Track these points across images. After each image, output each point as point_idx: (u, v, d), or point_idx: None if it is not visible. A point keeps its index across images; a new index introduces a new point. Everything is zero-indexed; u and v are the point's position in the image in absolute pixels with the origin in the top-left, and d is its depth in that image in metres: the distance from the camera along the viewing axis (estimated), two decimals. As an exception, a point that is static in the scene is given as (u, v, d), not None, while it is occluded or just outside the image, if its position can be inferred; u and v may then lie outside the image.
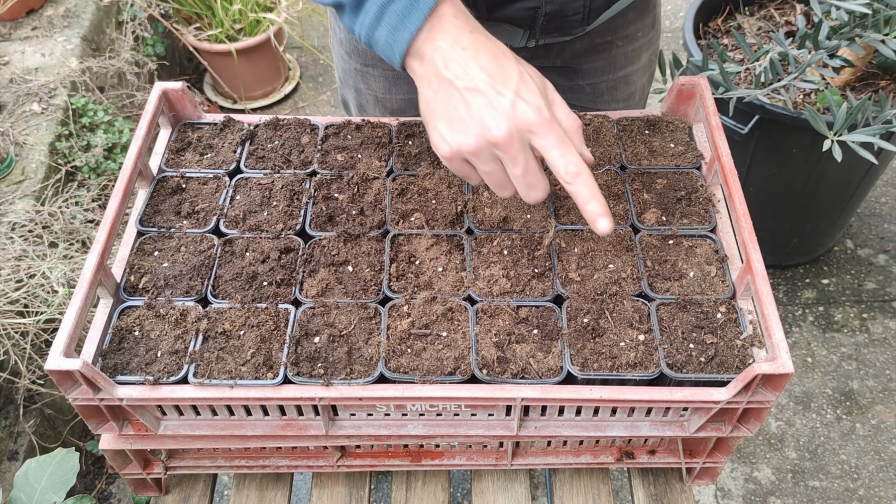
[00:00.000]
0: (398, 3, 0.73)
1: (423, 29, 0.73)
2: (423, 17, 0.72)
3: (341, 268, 0.92)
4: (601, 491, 1.00)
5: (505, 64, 0.74)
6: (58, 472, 0.93)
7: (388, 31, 0.74)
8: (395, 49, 0.75)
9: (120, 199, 0.92)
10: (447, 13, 0.74)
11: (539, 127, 0.72)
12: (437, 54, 0.74)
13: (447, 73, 0.73)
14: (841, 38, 1.20)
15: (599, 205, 0.75)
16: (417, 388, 0.81)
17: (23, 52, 2.22)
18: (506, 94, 0.72)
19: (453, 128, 0.75)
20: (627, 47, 1.19)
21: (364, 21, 0.75)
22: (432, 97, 0.75)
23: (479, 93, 0.72)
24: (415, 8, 0.73)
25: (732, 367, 0.82)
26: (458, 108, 0.74)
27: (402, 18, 0.73)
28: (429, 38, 0.74)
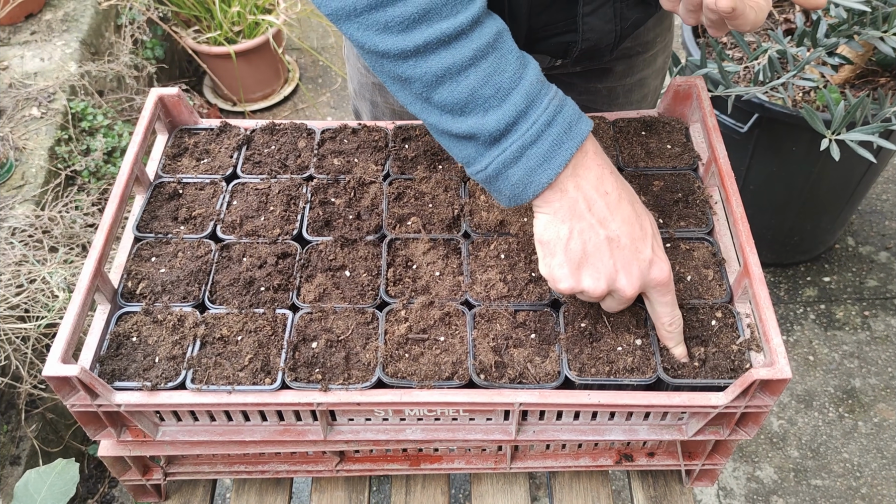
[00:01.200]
0: (541, 144, 0.71)
1: (568, 166, 0.73)
2: (568, 159, 0.72)
3: (338, 273, 0.92)
4: (601, 493, 1.00)
5: (641, 215, 0.77)
6: (58, 483, 0.92)
7: (524, 171, 0.72)
8: (530, 188, 0.73)
9: (116, 205, 0.92)
10: (589, 150, 0.74)
11: (664, 287, 0.78)
12: (579, 193, 0.74)
13: (589, 216, 0.74)
14: (839, 35, 1.20)
15: (684, 347, 0.84)
16: (415, 394, 0.81)
17: (22, 56, 2.23)
18: (644, 252, 0.75)
19: (582, 270, 0.75)
20: (646, 53, 1.20)
21: (498, 157, 0.72)
22: (566, 233, 0.74)
23: (620, 247, 0.74)
24: (559, 151, 0.72)
25: (729, 371, 0.82)
26: (595, 255, 0.75)
27: (545, 160, 0.72)
28: (572, 174, 0.73)
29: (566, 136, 0.71)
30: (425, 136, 1.06)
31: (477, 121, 0.71)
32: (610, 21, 1.00)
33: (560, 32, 1.00)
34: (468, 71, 0.70)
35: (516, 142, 0.71)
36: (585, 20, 0.99)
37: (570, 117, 0.72)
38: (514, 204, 0.75)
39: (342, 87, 3.07)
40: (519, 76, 0.71)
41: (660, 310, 0.80)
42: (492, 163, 0.73)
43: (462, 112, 0.72)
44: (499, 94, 0.70)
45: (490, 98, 0.71)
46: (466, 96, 0.71)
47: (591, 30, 1.00)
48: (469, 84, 0.70)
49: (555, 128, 0.71)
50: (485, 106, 0.71)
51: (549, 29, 1.00)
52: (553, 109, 0.72)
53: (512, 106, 0.71)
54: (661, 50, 1.22)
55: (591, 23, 0.99)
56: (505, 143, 0.72)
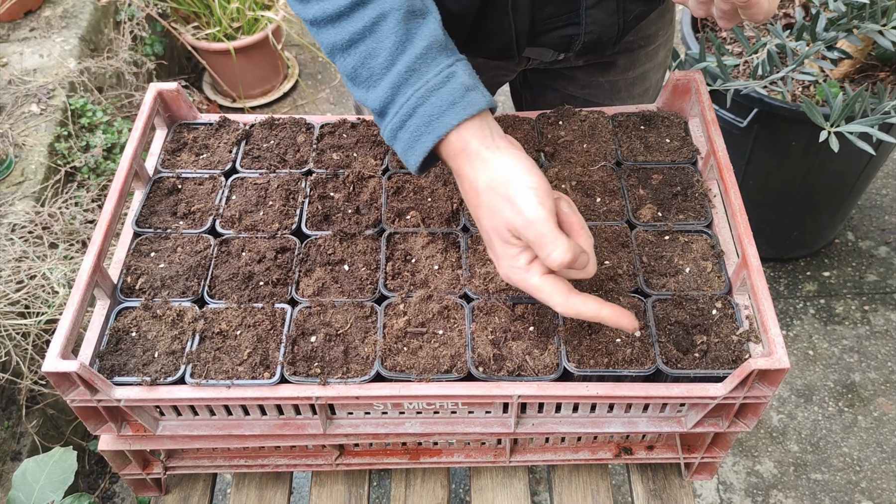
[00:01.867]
0: (405, 132, 0.76)
1: (429, 153, 0.76)
2: (424, 152, 0.75)
3: (337, 267, 0.92)
4: (600, 487, 1.00)
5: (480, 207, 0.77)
6: (56, 472, 0.93)
7: (401, 150, 0.78)
8: (410, 162, 0.78)
9: (116, 200, 0.92)
10: (452, 140, 0.76)
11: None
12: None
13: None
14: (839, 29, 1.19)
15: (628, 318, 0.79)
16: (414, 387, 0.81)
17: (21, 53, 2.22)
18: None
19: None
20: (648, 47, 1.20)
21: (385, 130, 0.78)
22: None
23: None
24: (417, 143, 0.76)
25: (728, 362, 0.82)
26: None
27: (409, 148, 0.77)
28: (445, 154, 0.77)
29: (426, 129, 0.74)
30: (424, 130, 1.05)
31: (362, 95, 0.79)
32: (613, 14, 1.00)
33: (563, 25, 1.00)
34: (348, 51, 0.77)
35: (389, 123, 0.77)
36: (588, 13, 0.99)
37: (433, 111, 0.74)
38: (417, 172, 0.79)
39: (342, 83, 3.06)
40: (391, 62, 0.75)
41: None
42: (384, 132, 0.79)
43: (353, 83, 0.79)
44: (372, 77, 0.77)
45: (367, 79, 0.77)
46: (351, 71, 0.78)
47: (594, 23, 1.00)
48: (350, 63, 0.77)
49: (415, 119, 0.75)
50: (365, 85, 0.78)
51: (552, 22, 1.00)
52: (414, 102, 0.74)
53: (381, 92, 0.76)
54: (662, 44, 1.22)
55: (594, 15, 0.99)
56: (385, 119, 0.78)
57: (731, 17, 0.79)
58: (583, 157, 1.02)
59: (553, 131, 1.05)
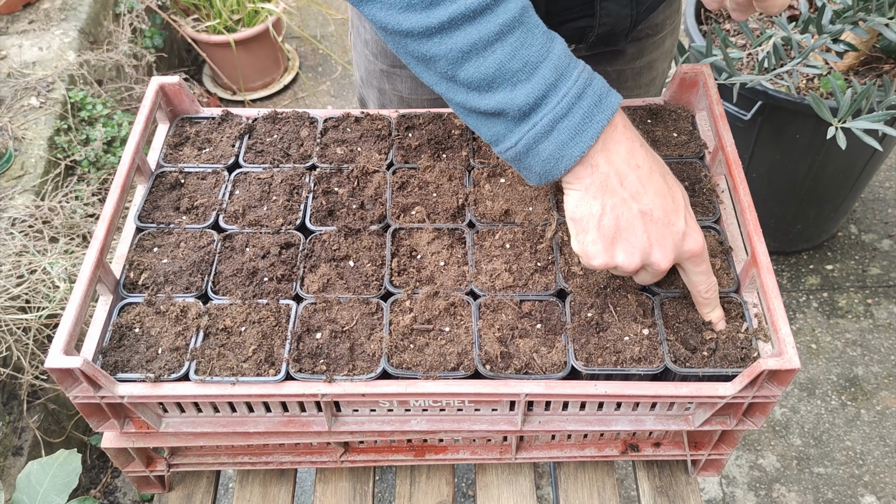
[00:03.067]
0: (572, 117, 0.70)
1: (598, 140, 0.71)
2: (599, 132, 0.71)
3: (342, 263, 0.91)
4: (606, 484, 0.99)
5: (672, 187, 0.76)
6: (60, 474, 0.92)
7: (556, 146, 0.71)
8: (562, 163, 0.72)
9: (118, 195, 0.91)
10: (619, 124, 0.73)
11: (699, 258, 0.77)
12: (610, 168, 0.72)
13: (621, 190, 0.73)
14: (844, 22, 1.18)
15: (721, 311, 0.84)
16: (420, 384, 0.80)
17: (20, 45, 2.21)
18: (678, 224, 0.75)
19: (616, 245, 0.75)
20: (656, 36, 1.19)
21: (528, 132, 0.71)
22: (598, 209, 0.73)
23: (654, 221, 0.74)
24: (590, 124, 0.70)
25: (737, 361, 0.82)
26: (628, 229, 0.74)
27: (576, 134, 0.70)
28: (602, 148, 0.72)
29: (596, 109, 0.70)
30: (429, 124, 1.05)
31: (505, 96, 0.70)
32: (626, 6, 0.99)
33: (577, 17, 1.00)
34: (494, 46, 0.68)
35: (547, 115, 0.70)
36: (602, 5, 0.98)
37: (600, 90, 0.71)
38: (544, 181, 0.74)
39: (342, 75, 3.05)
40: (547, 49, 0.70)
41: (695, 279, 0.80)
42: (522, 139, 0.71)
43: (489, 88, 0.70)
44: (527, 67, 0.69)
45: (518, 72, 0.69)
46: (494, 71, 0.69)
47: (608, 14, 0.99)
48: (496, 59, 0.69)
49: (585, 100, 0.70)
50: (513, 80, 0.69)
51: (566, 14, 0.99)
52: (583, 82, 0.70)
53: (541, 79, 0.69)
54: (669, 32, 1.22)
55: (608, 7, 0.98)
56: (535, 117, 0.70)
57: (746, 8, 0.78)
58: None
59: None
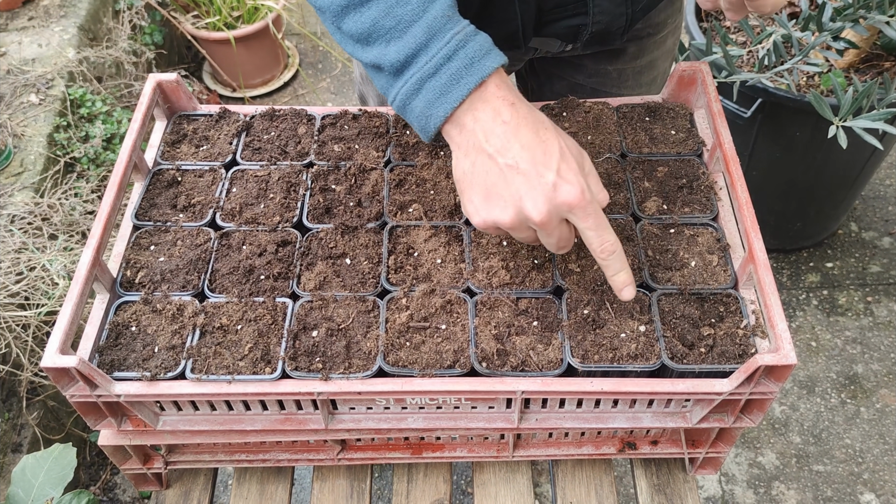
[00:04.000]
0: (440, 77, 0.72)
1: (466, 100, 0.72)
2: (465, 94, 0.71)
3: (339, 260, 0.91)
4: (603, 481, 0.99)
5: (546, 140, 0.73)
6: (55, 468, 0.92)
7: (424, 104, 0.73)
8: (431, 121, 0.74)
9: (115, 193, 0.91)
10: (491, 84, 0.73)
11: (579, 209, 0.73)
12: (477, 125, 0.73)
13: (487, 146, 0.72)
14: (845, 19, 1.18)
15: (627, 276, 0.77)
16: (417, 382, 0.80)
17: (19, 42, 2.21)
18: (547, 175, 0.72)
19: (490, 202, 0.74)
20: (657, 35, 1.19)
21: (402, 89, 0.74)
22: (469, 168, 0.74)
23: (520, 172, 0.72)
24: (456, 85, 0.71)
25: (734, 357, 0.81)
26: (497, 185, 0.73)
27: (442, 94, 0.72)
28: (470, 108, 0.73)
29: (465, 71, 0.71)
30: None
31: (380, 51, 0.73)
32: (621, 4, 0.99)
33: (570, 15, 0.99)
34: (370, 2, 0.72)
35: (415, 74, 0.72)
36: (596, 3, 0.97)
37: (474, 53, 0.72)
38: (426, 137, 0.76)
39: (342, 72, 3.05)
40: (422, 10, 0.72)
41: (585, 236, 0.75)
42: (398, 94, 0.74)
43: (367, 42, 0.74)
44: (399, 25, 0.72)
45: (391, 29, 0.72)
46: (369, 26, 0.73)
47: (602, 12, 0.99)
48: (371, 14, 0.72)
49: (454, 62, 0.71)
50: (387, 37, 0.73)
51: (559, 11, 0.99)
52: (455, 44, 0.71)
53: (412, 38, 0.72)
54: (671, 32, 1.21)
55: (602, 5, 0.98)
56: (406, 74, 0.73)
57: (739, 9, 0.78)
58: (587, 148, 1.01)
59: (557, 123, 1.04)
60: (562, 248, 0.78)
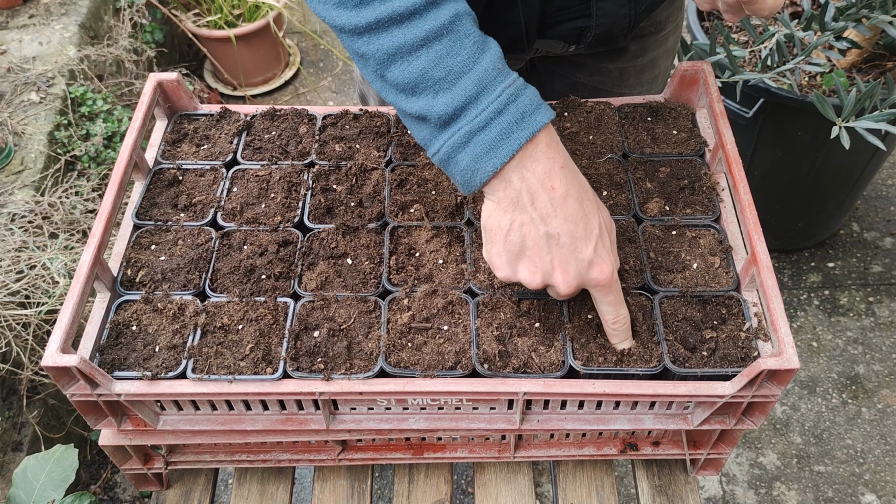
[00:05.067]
0: (489, 132, 0.69)
1: (515, 157, 0.70)
2: (515, 149, 0.70)
3: (340, 261, 0.91)
4: (605, 482, 0.99)
5: (589, 213, 0.73)
6: (56, 469, 0.92)
7: (471, 158, 0.70)
8: (477, 175, 0.71)
9: (115, 192, 0.91)
10: (542, 142, 0.71)
11: (604, 288, 0.76)
12: (523, 185, 0.71)
13: (532, 210, 0.72)
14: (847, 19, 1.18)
15: (629, 343, 0.83)
16: (418, 383, 0.80)
17: (20, 40, 2.21)
18: (585, 252, 0.73)
19: (519, 262, 0.74)
20: (658, 34, 1.19)
21: (447, 142, 0.71)
22: (507, 224, 0.73)
23: (560, 245, 0.72)
24: (507, 140, 0.69)
25: (737, 360, 0.81)
26: (532, 249, 0.73)
27: (492, 149, 0.70)
28: (518, 165, 0.71)
29: (517, 126, 0.69)
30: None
31: (427, 102, 0.71)
32: (624, 6, 0.98)
33: (573, 18, 0.99)
34: (419, 51, 0.69)
35: (464, 127, 0.70)
36: (599, 5, 0.97)
37: (525, 107, 0.70)
38: (467, 191, 0.74)
39: (343, 70, 3.04)
40: (473, 61, 0.70)
41: (602, 308, 0.79)
42: (442, 146, 0.72)
43: (413, 92, 0.71)
44: (449, 77, 0.69)
45: (441, 80, 0.70)
46: (417, 77, 0.70)
47: (605, 15, 0.98)
48: (420, 65, 0.70)
49: (505, 116, 0.69)
50: (435, 88, 0.70)
51: (562, 14, 0.98)
52: (506, 98, 0.70)
53: (462, 90, 0.69)
54: (672, 30, 1.21)
55: (605, 7, 0.98)
56: (454, 127, 0.70)
57: (736, 11, 0.78)
58: (589, 149, 1.01)
59: (559, 122, 1.04)
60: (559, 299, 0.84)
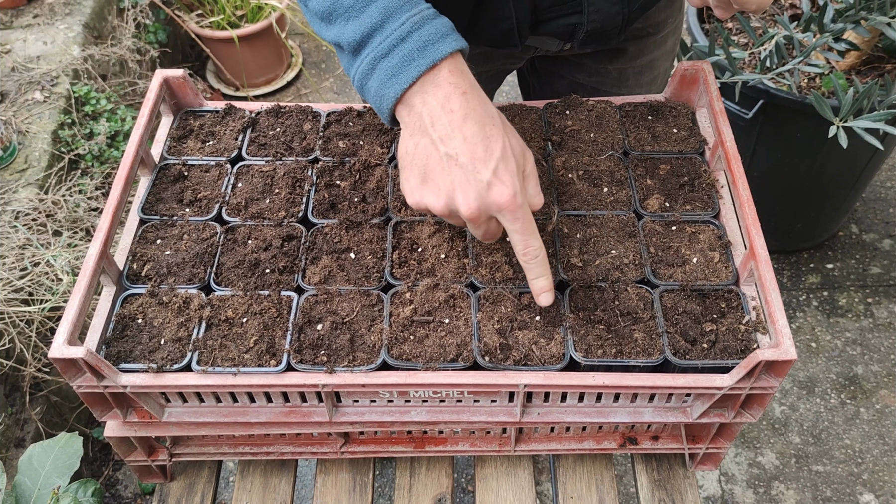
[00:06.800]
0: (392, 58, 0.73)
1: (416, 81, 0.73)
2: (416, 76, 0.72)
3: (344, 255, 0.92)
4: (604, 476, 1.00)
5: (490, 136, 0.73)
6: (62, 457, 0.93)
7: (378, 84, 0.74)
8: (384, 101, 0.75)
9: (122, 187, 0.92)
10: (445, 69, 0.73)
11: (508, 211, 0.74)
12: (424, 108, 0.73)
13: (432, 131, 0.73)
14: (846, 21, 1.19)
15: (547, 282, 0.80)
16: (420, 375, 0.81)
17: (24, 40, 2.22)
18: (483, 173, 0.72)
19: (425, 186, 0.75)
20: (657, 35, 1.20)
21: (359, 68, 0.75)
22: (412, 149, 0.75)
23: (458, 165, 0.72)
24: (408, 67, 0.72)
25: (736, 353, 0.82)
26: (434, 171, 0.74)
27: (394, 75, 0.73)
28: (420, 90, 0.73)
29: (418, 53, 0.72)
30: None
31: (340, 30, 0.75)
32: (616, 3, 0.99)
33: (566, 14, 1.00)
34: None
35: (370, 54, 0.73)
36: (591, 1, 0.98)
37: (429, 36, 0.72)
38: (384, 118, 0.76)
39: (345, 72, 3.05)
40: None
41: (511, 237, 0.77)
42: (356, 73, 0.76)
43: (329, 20, 0.76)
44: (357, 5, 0.73)
45: (350, 9, 0.74)
46: (330, 5, 0.74)
47: (597, 11, 0.99)
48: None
49: (408, 44, 0.72)
50: (346, 16, 0.74)
51: (554, 10, 0.99)
52: (410, 26, 0.72)
53: (368, 18, 0.73)
54: (671, 32, 1.22)
55: (597, 4, 0.99)
56: (363, 54, 0.74)
57: (726, 7, 0.79)
58: (590, 146, 1.02)
59: (560, 121, 1.05)
60: (488, 240, 0.81)
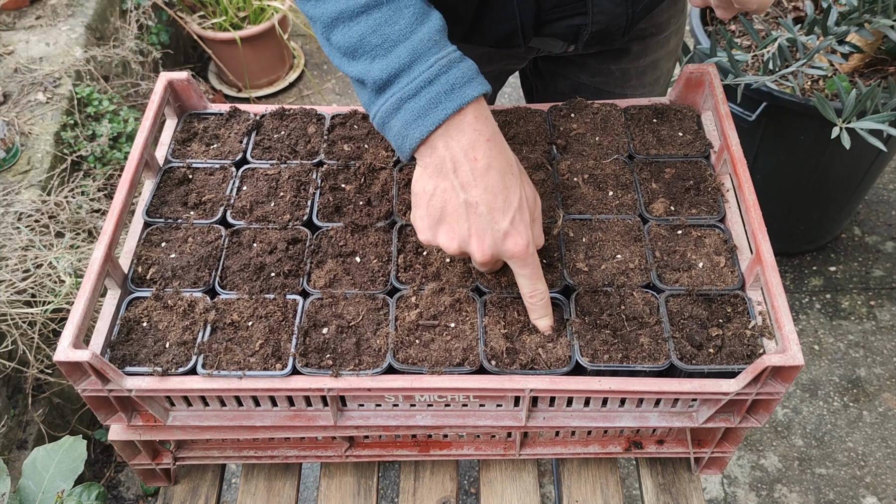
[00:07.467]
0: (419, 100, 0.73)
1: (441, 124, 0.73)
2: (442, 119, 0.73)
3: (349, 259, 0.92)
4: (609, 480, 1.00)
5: (509, 186, 0.75)
6: (66, 460, 0.93)
7: (402, 124, 0.74)
8: (407, 141, 0.75)
9: (126, 189, 0.92)
10: (470, 114, 0.74)
11: (520, 260, 0.78)
12: (447, 153, 0.74)
13: (454, 178, 0.74)
14: (850, 23, 1.19)
15: (548, 321, 0.84)
16: (426, 379, 0.81)
17: (27, 41, 2.22)
18: (501, 223, 0.75)
19: (439, 227, 0.77)
20: (660, 35, 1.20)
21: (382, 106, 0.75)
22: (430, 190, 0.76)
23: (477, 214, 0.75)
24: (434, 110, 0.73)
25: (742, 358, 0.82)
26: (451, 216, 0.76)
27: (420, 116, 0.73)
28: (445, 133, 0.74)
29: (445, 97, 0.72)
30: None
31: (365, 67, 0.75)
32: (620, 4, 0.99)
33: (570, 15, 1.00)
34: (359, 18, 0.73)
35: (396, 94, 0.73)
36: (595, 2, 0.98)
37: (456, 79, 0.73)
38: (402, 156, 0.77)
39: (347, 73, 3.05)
40: (410, 31, 0.73)
41: (519, 281, 0.81)
42: (378, 111, 0.76)
43: (353, 56, 0.75)
44: (385, 44, 0.73)
45: (377, 47, 0.73)
46: (356, 41, 0.74)
47: (602, 12, 0.99)
48: (359, 30, 0.74)
49: (436, 86, 0.72)
50: (372, 54, 0.74)
51: (558, 11, 0.99)
52: (438, 68, 0.73)
53: (396, 58, 0.73)
54: (674, 32, 1.22)
55: (602, 5, 0.99)
56: (388, 93, 0.74)
57: (727, 7, 0.80)
58: (595, 150, 1.02)
59: (565, 124, 1.05)
60: (489, 271, 0.87)
